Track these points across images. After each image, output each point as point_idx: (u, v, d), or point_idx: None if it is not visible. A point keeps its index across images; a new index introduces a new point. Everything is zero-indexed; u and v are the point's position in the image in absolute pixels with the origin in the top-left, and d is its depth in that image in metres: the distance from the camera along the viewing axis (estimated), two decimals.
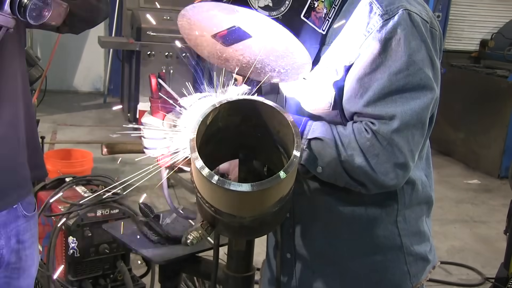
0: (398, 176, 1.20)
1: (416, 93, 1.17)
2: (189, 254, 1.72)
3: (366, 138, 1.18)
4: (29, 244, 1.49)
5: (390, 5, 1.17)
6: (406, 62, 1.16)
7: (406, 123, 1.17)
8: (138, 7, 6.66)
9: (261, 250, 1.58)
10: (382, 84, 1.17)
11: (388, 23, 1.16)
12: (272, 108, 1.12)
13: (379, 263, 1.34)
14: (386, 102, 1.17)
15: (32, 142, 1.46)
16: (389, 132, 1.17)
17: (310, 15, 1.19)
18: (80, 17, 1.38)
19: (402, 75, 1.16)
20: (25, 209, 1.46)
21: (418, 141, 1.21)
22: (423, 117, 1.20)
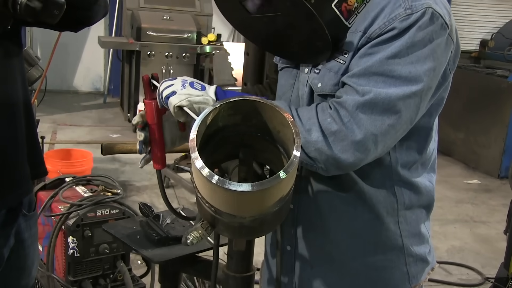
0: (356, 157, 1.17)
1: (399, 82, 1.15)
2: (189, 254, 1.72)
3: (328, 114, 1.17)
4: (29, 243, 1.49)
5: (416, 1, 1.17)
6: (404, 51, 1.15)
7: (376, 104, 1.15)
8: (138, 7, 6.67)
9: (261, 250, 1.58)
10: (372, 63, 1.16)
11: (410, 18, 1.16)
12: (272, 108, 1.12)
13: (379, 262, 1.34)
14: (367, 79, 1.16)
15: (32, 141, 1.46)
16: (353, 106, 1.15)
17: (340, 6, 1.20)
18: (78, 15, 1.38)
19: (394, 61, 1.15)
20: (25, 208, 1.46)
21: (387, 130, 1.17)
22: (398, 107, 1.16)
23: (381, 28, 1.17)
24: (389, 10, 1.18)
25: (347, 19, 1.22)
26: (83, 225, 2.36)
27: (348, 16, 1.22)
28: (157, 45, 6.36)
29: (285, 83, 1.39)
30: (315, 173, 1.29)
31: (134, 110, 6.32)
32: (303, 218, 1.38)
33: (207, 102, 1.26)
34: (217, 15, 7.43)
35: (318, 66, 1.27)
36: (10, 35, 1.34)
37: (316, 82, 1.27)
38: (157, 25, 6.41)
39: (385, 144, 1.20)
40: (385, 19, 1.17)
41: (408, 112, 1.18)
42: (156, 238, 1.80)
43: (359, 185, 1.30)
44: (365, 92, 1.15)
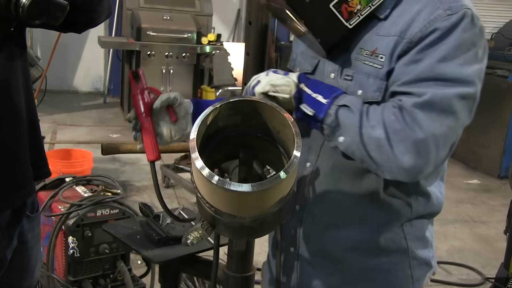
0: (417, 159, 1.14)
1: (453, 83, 1.15)
2: (189, 254, 1.72)
3: (392, 112, 1.16)
4: (32, 244, 1.49)
5: (454, 2, 1.17)
6: (452, 53, 1.15)
7: (432, 103, 1.14)
8: (138, 7, 6.67)
9: (261, 250, 1.58)
10: (422, 70, 1.16)
11: (451, 18, 1.16)
12: (272, 108, 1.12)
13: (383, 264, 1.34)
14: (419, 85, 1.15)
15: (35, 142, 1.46)
16: (412, 105, 1.14)
17: (340, 6, 1.20)
18: (82, 16, 1.37)
19: (445, 64, 1.15)
20: (28, 210, 1.46)
21: (446, 132, 1.15)
22: (455, 107, 1.15)
23: (422, 31, 1.17)
24: (427, 12, 1.18)
25: (348, 20, 1.22)
26: (83, 225, 2.36)
27: (349, 18, 1.22)
28: (157, 45, 6.36)
29: None
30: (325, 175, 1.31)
31: None
32: (308, 220, 1.37)
33: (289, 84, 1.25)
34: (217, 15, 7.44)
35: (348, 72, 1.27)
36: (13, 37, 1.34)
37: (354, 90, 1.25)
38: (157, 25, 6.41)
39: (444, 149, 1.18)
40: (425, 21, 1.17)
41: (463, 114, 1.17)
42: (156, 238, 1.80)
43: (377, 193, 1.29)
44: (421, 93, 1.15)
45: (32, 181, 1.45)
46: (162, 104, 1.36)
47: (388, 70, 1.20)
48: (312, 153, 1.35)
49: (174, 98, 1.37)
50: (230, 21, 8.37)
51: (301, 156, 1.20)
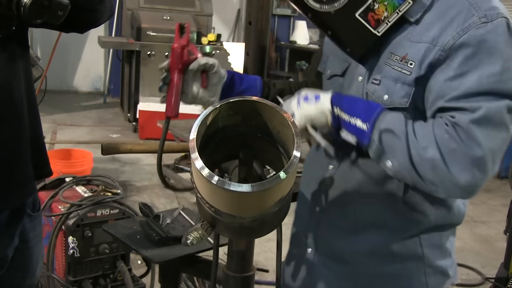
0: (475, 176, 1.10)
1: (503, 97, 1.12)
2: (189, 254, 1.73)
3: (445, 130, 1.11)
4: (34, 243, 1.49)
5: (490, 10, 1.14)
6: (501, 67, 1.12)
7: (489, 117, 1.10)
8: (138, 7, 6.67)
9: (261, 250, 1.58)
10: (470, 85, 1.12)
11: (486, 26, 1.13)
12: (272, 108, 1.12)
13: (397, 270, 1.32)
14: (471, 99, 1.12)
15: (36, 141, 1.46)
16: (468, 122, 1.10)
17: (366, 15, 1.19)
18: (84, 16, 1.38)
19: (494, 79, 1.11)
20: (29, 208, 1.46)
21: (499, 145, 1.13)
22: (505, 119, 1.12)
23: (455, 38, 1.14)
24: (461, 19, 1.15)
25: (376, 27, 1.20)
26: (83, 225, 2.36)
27: (377, 25, 1.20)
28: (157, 45, 6.35)
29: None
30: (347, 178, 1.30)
31: (134, 110, 6.32)
32: (327, 222, 1.37)
33: (323, 112, 1.22)
34: (217, 15, 7.44)
35: (376, 76, 1.25)
36: (15, 37, 1.34)
37: (381, 94, 1.23)
38: (157, 25, 6.41)
39: (499, 161, 1.15)
40: (458, 28, 1.14)
41: (511, 125, 1.15)
42: (156, 238, 1.80)
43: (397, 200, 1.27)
44: (475, 108, 1.11)
45: (33, 180, 1.45)
46: (199, 68, 1.38)
47: (417, 76, 1.18)
48: (336, 156, 1.34)
49: (211, 65, 1.39)
50: (230, 21, 8.37)
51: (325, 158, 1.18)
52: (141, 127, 6.08)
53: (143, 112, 5.99)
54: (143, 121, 6.01)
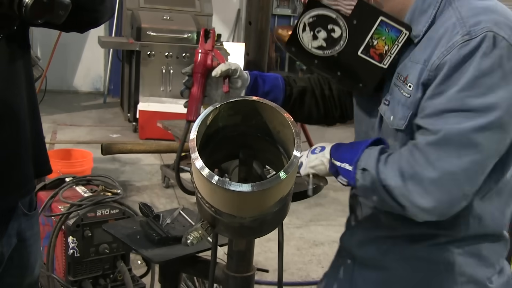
0: (438, 199, 1.13)
1: (472, 115, 1.10)
2: (189, 254, 1.73)
3: (406, 157, 1.16)
4: (31, 242, 1.49)
5: (475, 25, 1.12)
6: (473, 82, 1.10)
7: (448, 139, 1.11)
8: (138, 7, 6.67)
9: (261, 250, 1.58)
10: (442, 100, 1.13)
11: (469, 43, 1.11)
12: (272, 108, 1.12)
13: (429, 277, 1.30)
14: (439, 118, 1.13)
15: (37, 141, 1.46)
16: (425, 144, 1.13)
17: (368, 52, 1.24)
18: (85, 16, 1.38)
19: (464, 94, 1.10)
20: (26, 208, 1.46)
21: (468, 167, 1.12)
22: (476, 140, 1.11)
23: (440, 58, 1.13)
24: (447, 38, 1.14)
25: (381, 61, 1.24)
26: (83, 225, 2.36)
27: (381, 59, 1.24)
28: (157, 45, 6.36)
29: (360, 110, 1.41)
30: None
31: (134, 110, 6.32)
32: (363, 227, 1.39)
33: (323, 163, 1.30)
34: (217, 15, 7.44)
35: (387, 97, 1.27)
36: (16, 37, 1.34)
37: (388, 115, 1.26)
38: (157, 25, 6.41)
39: (471, 183, 1.15)
40: (443, 48, 1.14)
41: (490, 144, 1.13)
42: (156, 238, 1.80)
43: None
44: (436, 131, 1.13)
45: (33, 179, 1.46)
46: (221, 74, 1.39)
47: (416, 99, 1.19)
48: None
49: (233, 70, 1.40)
50: (230, 21, 8.37)
51: None
52: (141, 127, 6.08)
53: (143, 112, 5.99)
54: (143, 121, 6.01)
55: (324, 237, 4.07)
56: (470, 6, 1.17)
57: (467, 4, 1.17)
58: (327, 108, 1.56)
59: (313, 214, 4.43)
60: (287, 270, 3.43)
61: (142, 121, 6.03)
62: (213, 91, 1.43)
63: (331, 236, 4.07)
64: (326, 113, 1.57)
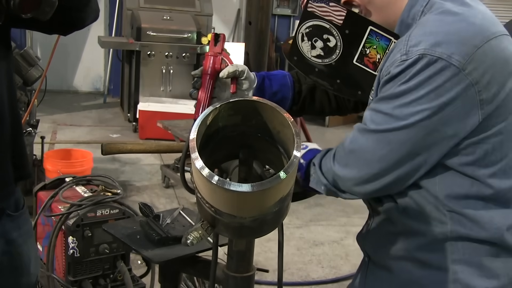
0: (351, 168, 1.24)
1: (387, 119, 1.19)
2: (189, 254, 1.73)
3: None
4: (20, 242, 1.47)
5: (414, 46, 1.16)
6: (395, 94, 1.18)
7: (371, 131, 1.22)
8: (138, 7, 6.67)
9: (261, 250, 1.58)
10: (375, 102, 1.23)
11: (404, 63, 1.16)
12: (272, 108, 1.12)
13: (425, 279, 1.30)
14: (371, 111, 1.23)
15: (17, 143, 1.45)
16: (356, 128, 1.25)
17: (362, 60, 1.31)
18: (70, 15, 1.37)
19: (384, 102, 1.20)
20: (11, 209, 1.45)
21: (381, 152, 1.22)
22: (387, 138, 1.21)
23: (384, 72, 1.20)
24: (392, 55, 1.20)
25: (375, 69, 1.30)
26: (83, 225, 2.36)
27: (375, 67, 1.30)
28: (157, 45, 6.36)
29: None
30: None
31: (134, 110, 6.32)
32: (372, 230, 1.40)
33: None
34: (217, 15, 7.44)
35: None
36: None
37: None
38: (157, 25, 6.41)
39: (384, 163, 1.22)
40: (388, 63, 1.20)
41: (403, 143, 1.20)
42: (156, 238, 1.80)
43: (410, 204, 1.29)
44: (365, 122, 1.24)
45: (13, 182, 1.44)
46: (229, 75, 1.42)
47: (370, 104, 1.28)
48: None
49: (241, 71, 1.44)
50: (230, 21, 8.37)
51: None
52: (141, 127, 6.09)
53: (143, 112, 6.00)
54: (143, 121, 6.01)
55: (324, 237, 4.07)
56: (424, 26, 1.19)
57: (424, 23, 1.20)
58: (339, 100, 1.61)
59: (313, 214, 4.43)
60: (287, 270, 3.43)
61: (142, 121, 6.04)
62: (222, 93, 1.46)
63: (331, 236, 4.07)
64: (339, 105, 1.62)
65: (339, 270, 3.61)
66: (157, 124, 4.56)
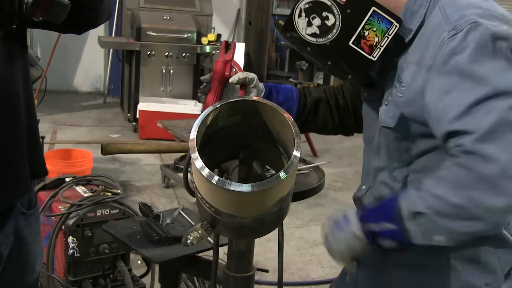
0: (509, 192, 1.02)
1: (497, 96, 1.06)
2: (189, 254, 1.73)
3: (456, 167, 1.07)
4: (30, 240, 1.49)
5: (460, 19, 1.13)
6: (469, 69, 1.09)
7: (492, 130, 1.04)
8: (138, 7, 6.67)
9: (261, 250, 1.58)
10: (457, 99, 1.09)
11: (456, 37, 1.12)
12: (272, 108, 1.12)
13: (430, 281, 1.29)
14: (467, 114, 1.07)
15: (33, 142, 1.46)
16: (472, 145, 1.05)
17: (359, 43, 1.25)
18: (84, 15, 1.38)
19: (470, 83, 1.08)
20: (24, 207, 1.46)
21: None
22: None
23: (433, 58, 1.14)
24: (435, 38, 1.16)
25: (370, 53, 1.25)
26: (83, 225, 2.36)
27: (371, 51, 1.25)
28: (157, 45, 6.35)
29: (369, 116, 1.42)
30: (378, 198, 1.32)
31: (134, 110, 6.32)
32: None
33: (358, 237, 1.19)
34: (217, 15, 7.44)
35: (388, 98, 1.29)
36: (15, 36, 1.35)
37: (381, 114, 1.29)
38: (157, 25, 6.41)
39: None
40: (434, 47, 1.15)
41: None
42: (156, 238, 1.81)
43: None
44: (476, 128, 1.06)
45: (29, 179, 1.46)
46: (238, 81, 1.43)
47: (406, 100, 1.21)
48: (369, 178, 1.39)
49: (250, 79, 1.45)
50: (230, 21, 8.37)
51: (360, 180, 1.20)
52: (141, 127, 6.08)
53: (143, 112, 5.99)
54: (143, 121, 6.01)
55: None
56: (454, 3, 1.19)
57: (452, 2, 1.19)
58: (341, 116, 1.59)
59: (313, 214, 4.43)
60: (287, 270, 3.43)
61: (142, 121, 6.03)
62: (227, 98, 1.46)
63: None
64: (341, 121, 1.59)
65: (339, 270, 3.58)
66: (157, 124, 4.56)
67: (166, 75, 6.43)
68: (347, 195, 1.42)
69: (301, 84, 7.75)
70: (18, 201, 1.44)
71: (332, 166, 5.28)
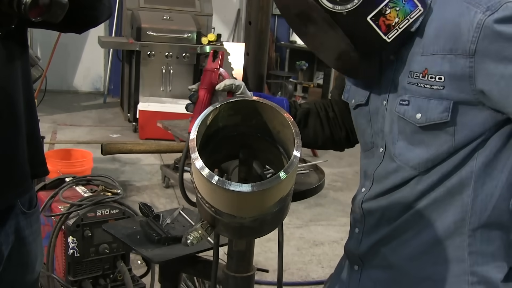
0: None
1: None
2: (189, 254, 1.73)
3: None
4: (31, 240, 1.49)
5: (489, 2, 1.12)
6: None
7: None
8: (138, 7, 6.67)
9: (261, 250, 1.58)
10: None
11: (494, 15, 1.10)
12: (272, 108, 1.12)
13: (439, 275, 1.28)
14: None
15: (33, 141, 1.46)
16: None
17: (378, 20, 1.18)
18: (84, 14, 1.38)
19: None
20: (25, 206, 1.46)
21: None
22: None
23: (474, 43, 1.12)
24: (467, 22, 1.13)
25: (386, 33, 1.19)
26: (83, 225, 2.36)
27: (387, 31, 1.18)
28: (157, 45, 6.36)
29: (362, 121, 1.39)
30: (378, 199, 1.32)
31: (134, 110, 6.32)
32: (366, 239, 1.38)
33: None
34: (217, 15, 7.44)
35: (403, 97, 1.24)
36: (15, 35, 1.35)
37: (412, 114, 1.22)
38: (157, 25, 6.42)
39: None
40: (471, 31, 1.12)
41: None
42: (156, 238, 1.81)
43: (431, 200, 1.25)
44: None
45: (29, 179, 1.46)
46: (225, 88, 1.42)
47: (452, 89, 1.17)
48: (368, 179, 1.37)
49: (237, 86, 1.42)
50: (230, 21, 8.37)
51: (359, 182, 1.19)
52: (141, 127, 6.09)
53: (143, 112, 6.00)
54: (143, 121, 6.01)
55: (324, 237, 4.07)
56: None
57: None
58: (332, 128, 1.56)
59: (313, 214, 4.43)
60: (287, 270, 3.43)
61: (142, 121, 6.04)
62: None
63: (331, 236, 4.07)
64: (332, 133, 1.56)
65: None
66: (157, 124, 4.56)
67: (166, 75, 6.43)
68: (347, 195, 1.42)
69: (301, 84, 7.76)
70: (18, 201, 1.45)
71: (332, 166, 5.28)
